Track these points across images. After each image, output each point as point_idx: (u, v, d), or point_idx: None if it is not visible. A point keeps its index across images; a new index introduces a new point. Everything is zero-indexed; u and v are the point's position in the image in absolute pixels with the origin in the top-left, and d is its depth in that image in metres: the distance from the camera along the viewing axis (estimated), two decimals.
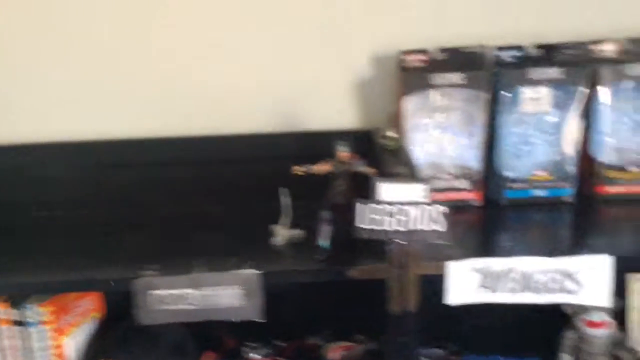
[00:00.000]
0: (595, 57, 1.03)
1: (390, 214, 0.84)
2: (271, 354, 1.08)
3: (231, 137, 1.14)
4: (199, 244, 0.98)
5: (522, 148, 1.06)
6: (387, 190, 0.83)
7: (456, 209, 1.05)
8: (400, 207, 0.84)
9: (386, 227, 0.84)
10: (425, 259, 0.85)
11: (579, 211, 1.05)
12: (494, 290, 0.86)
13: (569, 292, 0.85)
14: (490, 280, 0.86)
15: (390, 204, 0.83)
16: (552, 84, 1.02)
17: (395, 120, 0.94)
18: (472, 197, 1.07)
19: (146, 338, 1.04)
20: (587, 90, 1.02)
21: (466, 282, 0.86)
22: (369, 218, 0.85)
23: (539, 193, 1.06)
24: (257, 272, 0.84)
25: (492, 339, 1.15)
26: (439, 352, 1.17)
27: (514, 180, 1.06)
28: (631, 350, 1.09)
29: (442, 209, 0.83)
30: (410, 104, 1.05)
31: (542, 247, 0.91)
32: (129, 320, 0.87)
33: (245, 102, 1.15)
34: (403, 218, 0.84)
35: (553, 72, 1.01)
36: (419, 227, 0.84)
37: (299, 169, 0.91)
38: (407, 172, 0.84)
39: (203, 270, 0.85)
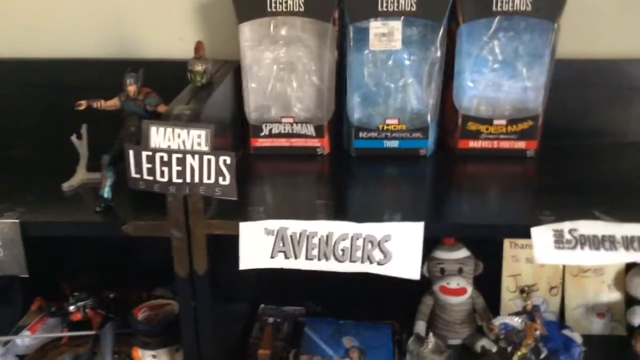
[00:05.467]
0: None
1: (167, 164, 0.71)
2: (90, 305, 0.98)
3: (48, 61, 1.00)
4: None
5: (373, 92, 0.92)
6: (160, 135, 0.71)
7: (297, 158, 0.95)
8: (178, 156, 0.71)
9: (162, 179, 0.72)
10: (212, 216, 0.74)
11: (434, 167, 0.92)
12: (291, 256, 0.75)
13: (376, 262, 0.74)
14: (287, 244, 0.74)
15: (163, 151, 0.71)
16: (406, 17, 0.86)
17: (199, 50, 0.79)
18: (319, 144, 0.94)
19: None
20: (447, 27, 0.86)
21: (260, 246, 0.74)
22: (146, 167, 0.72)
23: (391, 144, 0.93)
24: (14, 221, 0.73)
25: (356, 303, 1.06)
26: (291, 310, 1.09)
27: (363, 129, 0.92)
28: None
29: (226, 159, 0.71)
30: (246, 33, 0.90)
31: (362, 210, 0.79)
32: None
33: (70, 24, 1.01)
34: (180, 168, 0.71)
35: (407, 3, 0.84)
36: (201, 180, 0.71)
37: (82, 103, 0.78)
38: (189, 113, 0.71)
39: None
